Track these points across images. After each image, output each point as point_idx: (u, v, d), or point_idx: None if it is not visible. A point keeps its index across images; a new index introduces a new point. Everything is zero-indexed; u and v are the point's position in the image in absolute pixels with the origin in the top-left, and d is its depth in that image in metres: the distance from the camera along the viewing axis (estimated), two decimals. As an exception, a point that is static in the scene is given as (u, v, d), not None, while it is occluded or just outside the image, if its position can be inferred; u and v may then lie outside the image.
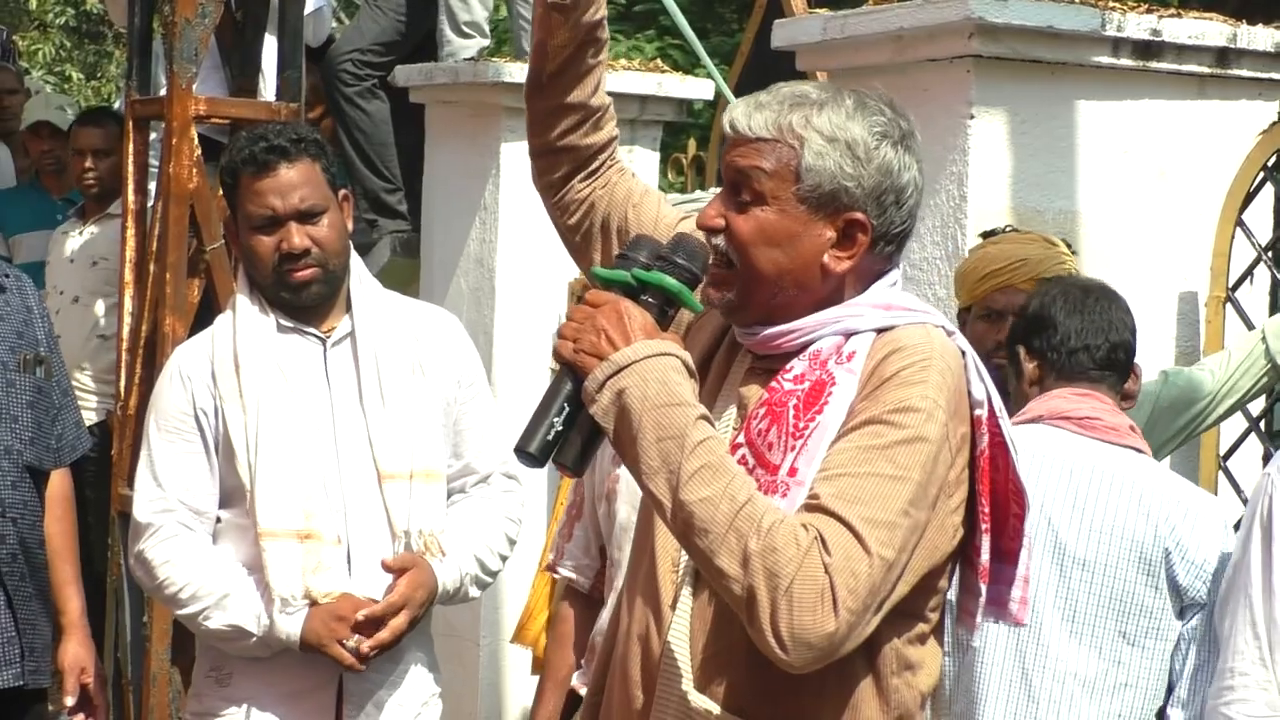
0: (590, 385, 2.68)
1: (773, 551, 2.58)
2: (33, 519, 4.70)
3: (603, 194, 3.10)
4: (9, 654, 4.63)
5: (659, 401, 2.64)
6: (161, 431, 4.18)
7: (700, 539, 2.61)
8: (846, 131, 2.78)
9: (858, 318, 2.80)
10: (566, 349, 2.71)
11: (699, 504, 2.60)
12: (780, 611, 2.57)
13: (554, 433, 2.71)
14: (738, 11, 13.00)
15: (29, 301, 4.80)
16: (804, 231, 2.78)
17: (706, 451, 2.63)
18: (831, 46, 5.45)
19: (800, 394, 2.75)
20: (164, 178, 5.80)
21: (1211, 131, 5.37)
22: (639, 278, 2.77)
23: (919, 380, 2.70)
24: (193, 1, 5.73)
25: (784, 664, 2.60)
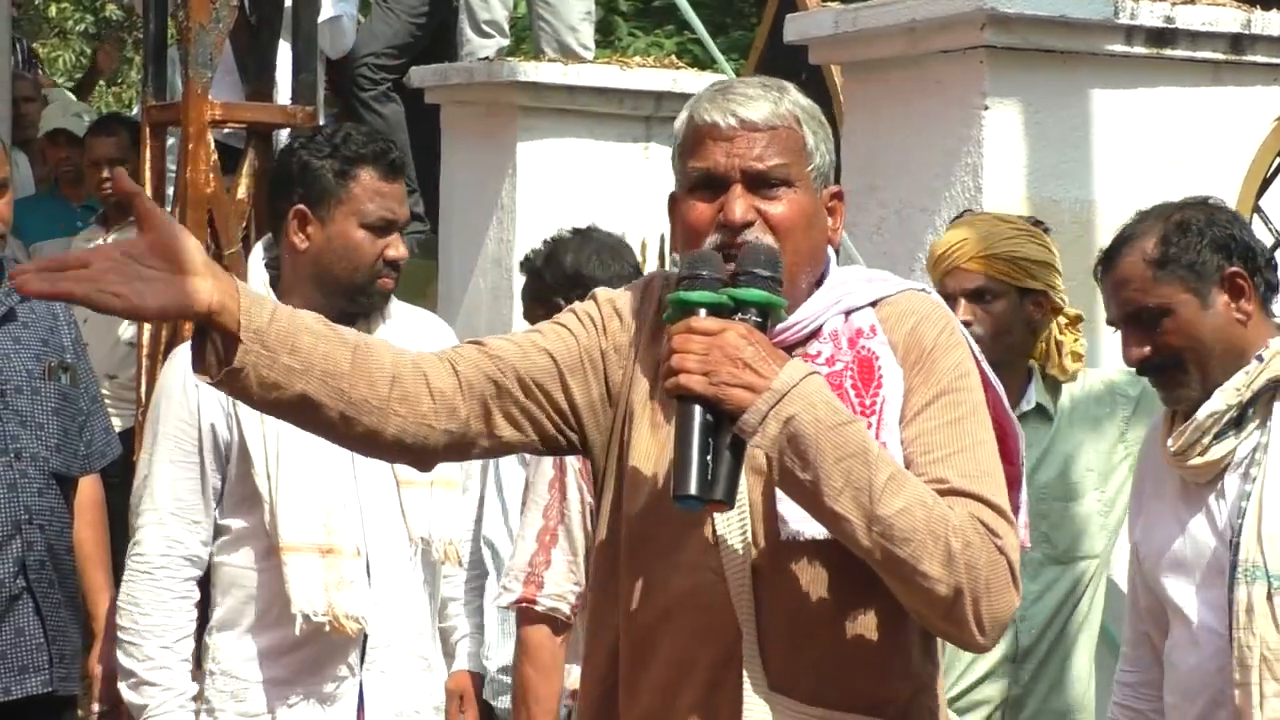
0: (752, 418, 2.64)
1: (969, 547, 2.66)
2: (60, 526, 4.73)
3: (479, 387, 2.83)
4: (38, 660, 4.65)
5: (831, 422, 2.65)
6: (163, 443, 4.10)
7: (903, 548, 2.64)
8: (815, 110, 2.89)
9: (851, 294, 2.87)
10: (697, 383, 2.65)
11: (898, 515, 2.64)
12: (982, 603, 2.67)
13: (710, 471, 2.65)
14: (757, 5, 12.98)
15: (55, 309, 4.82)
16: (819, 210, 2.87)
17: (886, 463, 2.67)
18: (844, 40, 5.45)
19: (850, 373, 2.80)
20: (181, 183, 5.80)
21: (1227, 118, 5.36)
22: (735, 296, 2.72)
23: (957, 343, 2.84)
24: (207, 7, 5.74)
25: (978, 647, 2.74)
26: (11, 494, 4.59)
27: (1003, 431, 2.91)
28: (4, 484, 4.59)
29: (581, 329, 2.91)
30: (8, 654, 4.60)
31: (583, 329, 2.91)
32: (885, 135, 5.39)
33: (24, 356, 4.69)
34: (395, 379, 2.75)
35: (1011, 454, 2.94)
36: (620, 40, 13.57)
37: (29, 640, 4.63)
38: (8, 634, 4.60)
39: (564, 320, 2.94)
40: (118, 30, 20.13)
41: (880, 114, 5.43)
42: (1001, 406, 2.92)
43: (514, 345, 2.89)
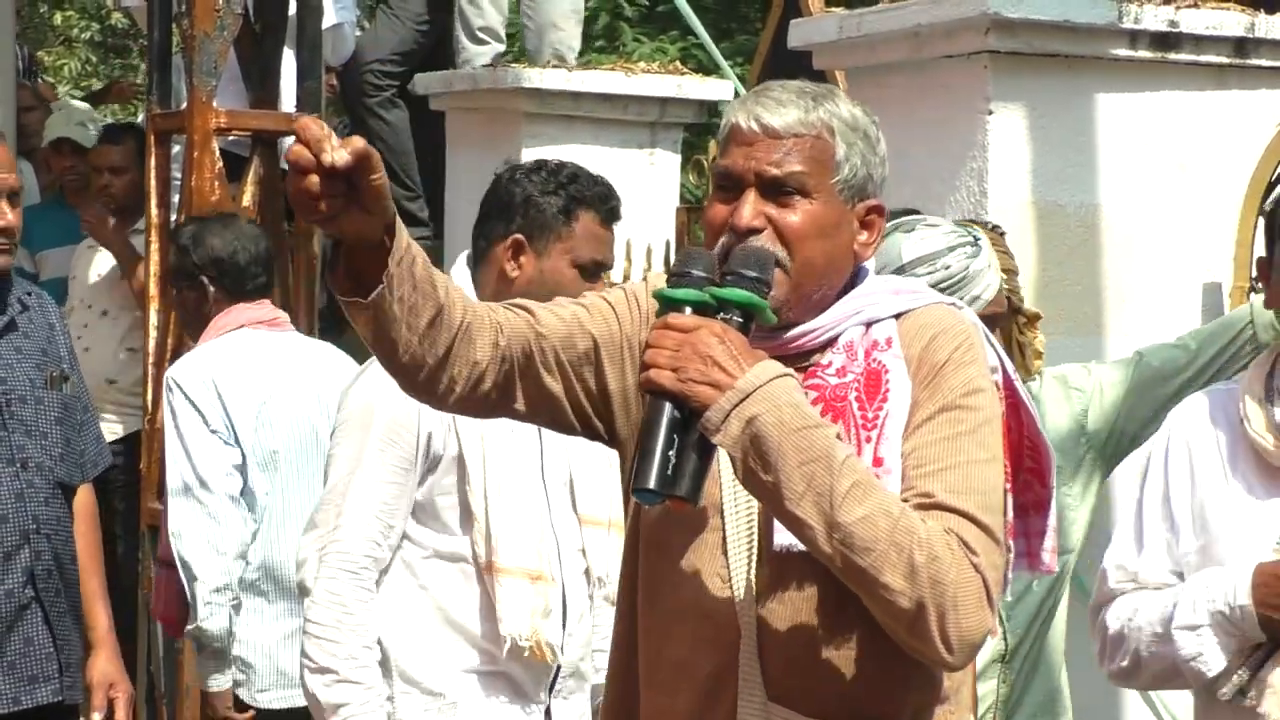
0: (714, 415, 2.61)
1: (935, 560, 2.61)
2: (65, 534, 4.74)
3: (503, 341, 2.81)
4: (47, 670, 4.66)
5: (796, 425, 2.61)
6: (374, 444, 3.96)
7: (862, 558, 2.60)
8: (859, 121, 2.85)
9: (874, 305, 2.83)
10: (666, 378, 2.63)
11: (858, 523, 2.59)
12: (948, 618, 2.61)
13: (671, 466, 2.63)
14: (761, 10, 12.99)
15: (51, 319, 4.84)
16: (842, 221, 2.82)
17: (852, 470, 2.62)
18: (848, 45, 5.45)
19: (857, 386, 2.77)
20: (186, 191, 5.82)
21: (1232, 122, 5.35)
22: (718, 296, 2.70)
23: (971, 360, 2.77)
24: (211, 15, 5.75)
25: (947, 665, 2.68)
26: (19, 504, 4.60)
27: (1035, 452, 2.89)
28: (12, 494, 4.60)
29: (627, 313, 2.90)
30: (17, 664, 4.60)
31: (628, 314, 2.90)
32: (889, 140, 5.33)
33: (26, 366, 4.70)
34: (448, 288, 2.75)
35: (1043, 474, 2.92)
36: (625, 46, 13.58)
37: (38, 649, 4.64)
38: (17, 643, 4.60)
39: (613, 300, 2.92)
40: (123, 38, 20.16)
41: (885, 119, 5.33)
42: (1034, 427, 2.89)
43: (560, 322, 2.86)
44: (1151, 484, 3.69)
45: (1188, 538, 3.61)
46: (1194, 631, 3.48)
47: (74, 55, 20.06)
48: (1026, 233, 5.05)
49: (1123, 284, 5.20)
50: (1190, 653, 3.49)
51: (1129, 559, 3.69)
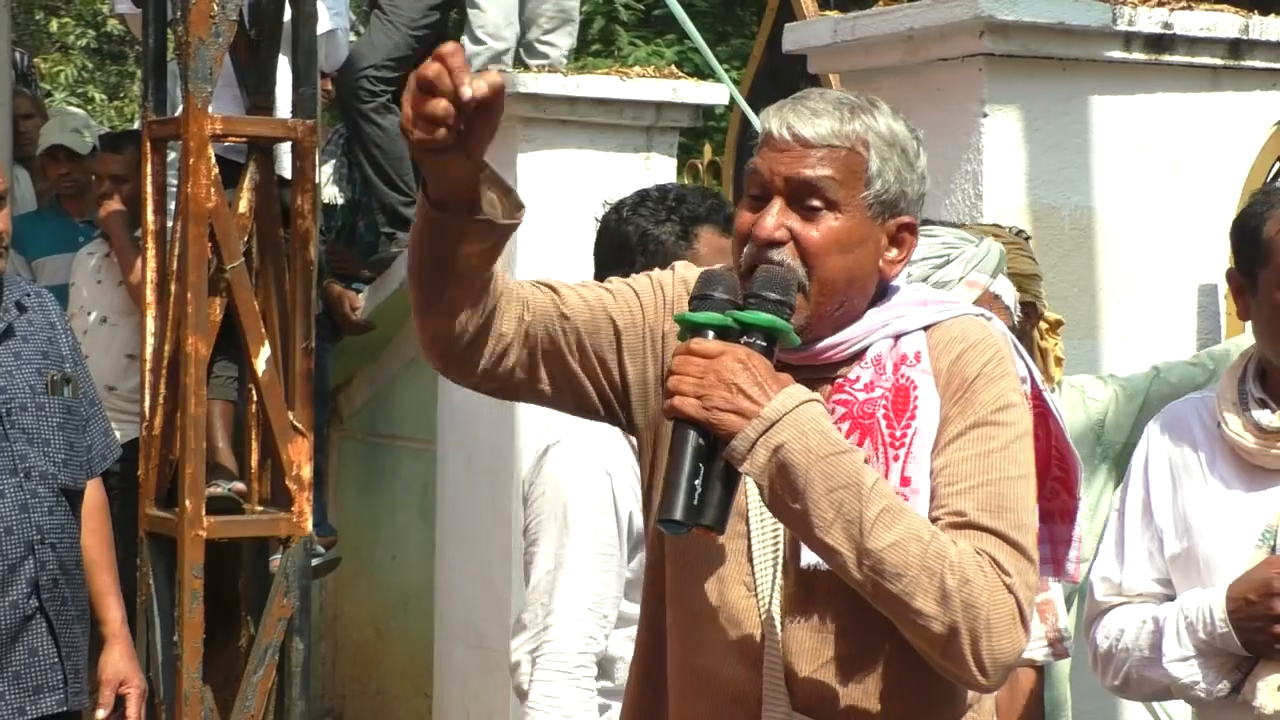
0: (740, 444, 2.60)
1: (967, 584, 2.59)
2: (70, 542, 4.74)
3: (528, 317, 2.81)
4: (52, 680, 4.66)
5: (823, 452, 2.59)
6: (580, 533, 3.82)
7: (894, 584, 2.59)
8: (897, 136, 2.80)
9: (903, 318, 2.80)
10: (692, 406, 2.62)
11: (889, 549, 2.58)
12: (981, 642, 2.60)
13: (696, 496, 2.62)
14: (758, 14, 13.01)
15: (51, 318, 4.83)
16: (868, 237, 2.78)
17: (881, 495, 2.61)
18: (842, 49, 5.45)
19: (884, 402, 2.74)
20: (182, 198, 5.82)
21: (1226, 123, 5.36)
22: (741, 320, 2.68)
23: (1002, 374, 2.74)
24: (206, 21, 5.75)
25: (981, 688, 2.67)
26: (23, 515, 4.59)
27: (1063, 461, 2.88)
28: (15, 505, 4.59)
29: (651, 302, 2.88)
30: (22, 674, 4.60)
31: (652, 302, 2.88)
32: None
33: (26, 372, 4.69)
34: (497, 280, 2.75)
35: (1070, 484, 2.92)
36: (620, 50, 13.58)
37: (43, 660, 4.64)
38: (22, 654, 4.60)
39: (638, 286, 2.90)
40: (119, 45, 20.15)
41: (880, 122, 5.42)
42: (1062, 436, 2.88)
43: (585, 305, 2.85)
44: (1132, 494, 3.73)
45: (1171, 542, 3.64)
46: (1184, 662, 3.53)
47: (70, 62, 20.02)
48: (1021, 235, 5.05)
49: (1118, 286, 5.21)
50: (1187, 681, 3.54)
51: (1113, 571, 3.72)
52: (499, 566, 6.94)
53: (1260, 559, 3.48)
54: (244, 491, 6.09)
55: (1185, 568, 3.62)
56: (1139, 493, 3.70)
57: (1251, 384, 3.57)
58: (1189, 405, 3.73)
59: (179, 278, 5.80)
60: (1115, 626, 3.67)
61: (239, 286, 5.81)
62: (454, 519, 7.27)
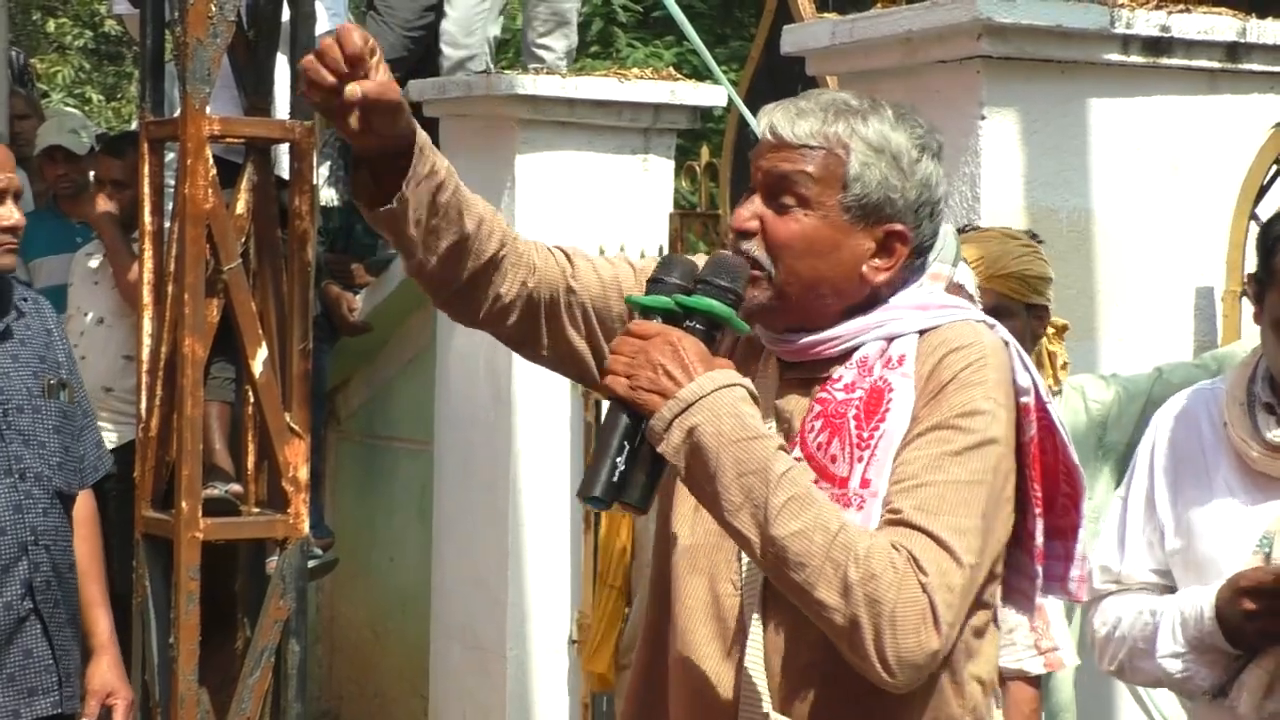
0: (657, 424, 2.62)
1: (872, 579, 2.57)
2: (64, 544, 4.74)
3: (531, 283, 2.86)
4: (46, 682, 4.66)
5: (735, 436, 2.60)
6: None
7: (796, 573, 2.59)
8: (891, 142, 2.78)
9: (898, 320, 2.79)
10: (620, 385, 2.65)
11: (792, 538, 2.58)
12: (885, 638, 2.57)
13: (618, 474, 2.65)
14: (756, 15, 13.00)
15: (48, 324, 4.83)
16: (845, 240, 2.77)
17: (791, 483, 2.60)
18: (841, 51, 5.45)
19: (858, 403, 2.73)
20: (179, 199, 5.81)
21: (1223, 126, 5.36)
22: (683, 304, 2.70)
23: (979, 381, 2.71)
24: (204, 21, 5.74)
25: (889, 686, 2.61)
26: (18, 515, 4.60)
27: (1070, 477, 2.84)
28: (10, 505, 4.59)
29: None
30: (16, 676, 4.60)
31: None
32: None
33: (23, 374, 4.70)
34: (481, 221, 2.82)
35: (1079, 502, 2.86)
36: (619, 51, 13.58)
37: (37, 662, 4.64)
38: (16, 656, 4.60)
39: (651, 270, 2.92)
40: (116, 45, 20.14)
41: (877, 124, 5.42)
42: (1068, 451, 2.83)
43: (598, 280, 2.90)
44: (1137, 484, 3.72)
45: (1171, 538, 3.64)
46: (1178, 659, 3.53)
47: (67, 63, 20.02)
48: (1019, 238, 5.05)
49: (1115, 288, 5.21)
50: (1181, 675, 3.54)
51: (1113, 560, 3.72)
52: (496, 568, 6.95)
53: (1256, 564, 3.48)
54: (241, 493, 6.08)
55: (1183, 565, 3.63)
56: (1143, 483, 3.69)
57: (1261, 385, 3.55)
58: (1199, 397, 3.70)
59: (176, 278, 5.79)
60: (1113, 614, 3.67)
61: (236, 287, 5.80)
62: (451, 521, 7.27)
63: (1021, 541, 2.82)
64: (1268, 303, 3.50)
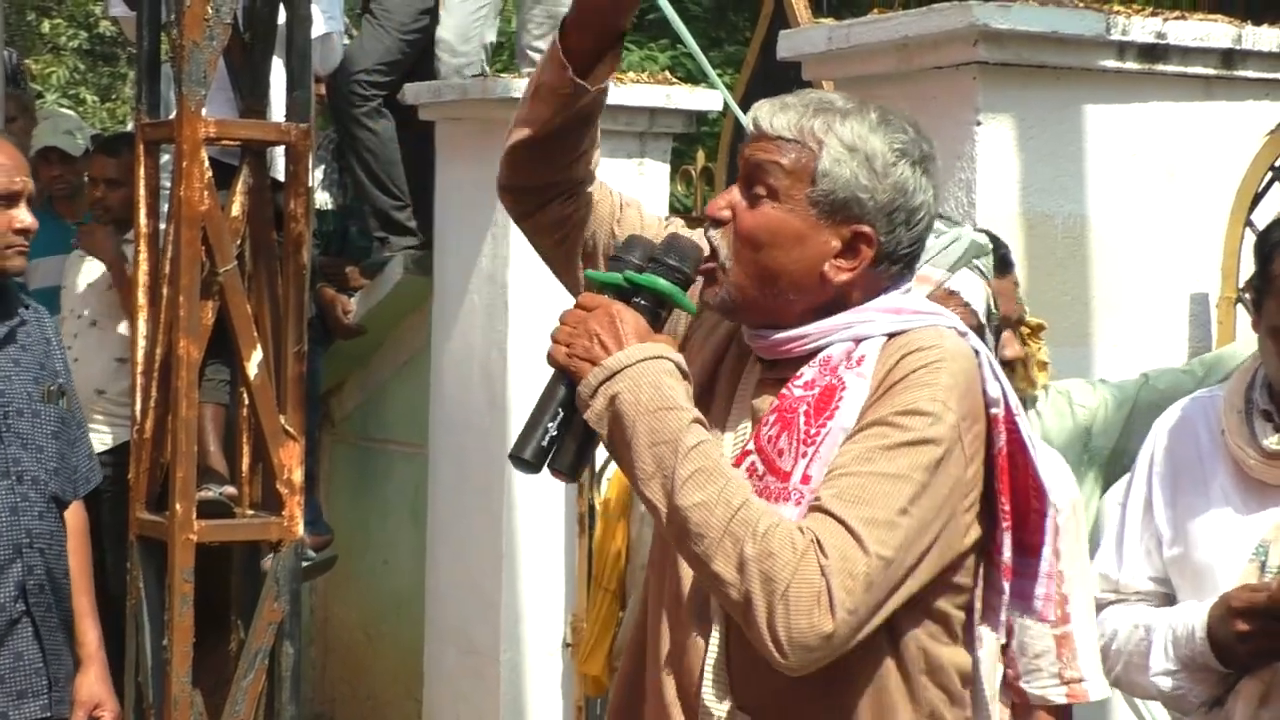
0: (584, 391, 2.69)
1: (769, 556, 2.59)
2: (59, 549, 4.75)
3: (585, 214, 3.04)
4: (36, 685, 4.66)
5: (651, 406, 2.65)
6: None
7: (696, 544, 2.62)
8: (867, 143, 2.79)
9: (868, 323, 2.80)
10: (560, 353, 2.73)
11: (694, 509, 2.61)
12: (777, 615, 2.58)
13: (549, 438, 2.72)
14: (750, 20, 12.99)
15: (47, 333, 4.85)
16: (810, 235, 2.79)
17: (700, 456, 2.64)
18: (837, 56, 5.45)
19: (810, 400, 2.75)
20: (175, 200, 5.81)
21: (1219, 133, 5.37)
22: (631, 280, 2.78)
23: (928, 382, 2.70)
24: (200, 24, 5.74)
25: (782, 667, 2.62)
26: (13, 517, 4.60)
27: (1039, 494, 2.80)
28: (6, 507, 4.59)
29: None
30: (6, 678, 4.60)
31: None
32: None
33: (24, 379, 4.71)
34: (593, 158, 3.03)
35: (1044, 517, 2.82)
36: (613, 54, 13.56)
37: (28, 664, 4.64)
38: (7, 658, 4.60)
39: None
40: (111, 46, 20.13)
41: (873, 130, 5.42)
42: (1034, 469, 2.80)
43: (642, 225, 3.04)
44: (1135, 491, 3.72)
45: (1168, 546, 3.64)
46: (1170, 676, 3.54)
47: (62, 63, 20.00)
48: (1015, 243, 5.04)
49: (1111, 294, 5.21)
50: (1175, 692, 3.55)
51: (1111, 568, 3.72)
52: (490, 571, 6.95)
53: (1252, 572, 3.48)
54: (235, 495, 6.08)
55: (1180, 573, 3.63)
56: (1141, 490, 3.70)
57: (1259, 392, 3.55)
58: (1197, 405, 3.70)
59: (171, 280, 5.79)
60: (1110, 626, 3.67)
61: (231, 290, 5.80)
62: (445, 524, 7.27)
63: (992, 557, 2.82)
64: (1266, 310, 3.49)
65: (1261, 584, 3.43)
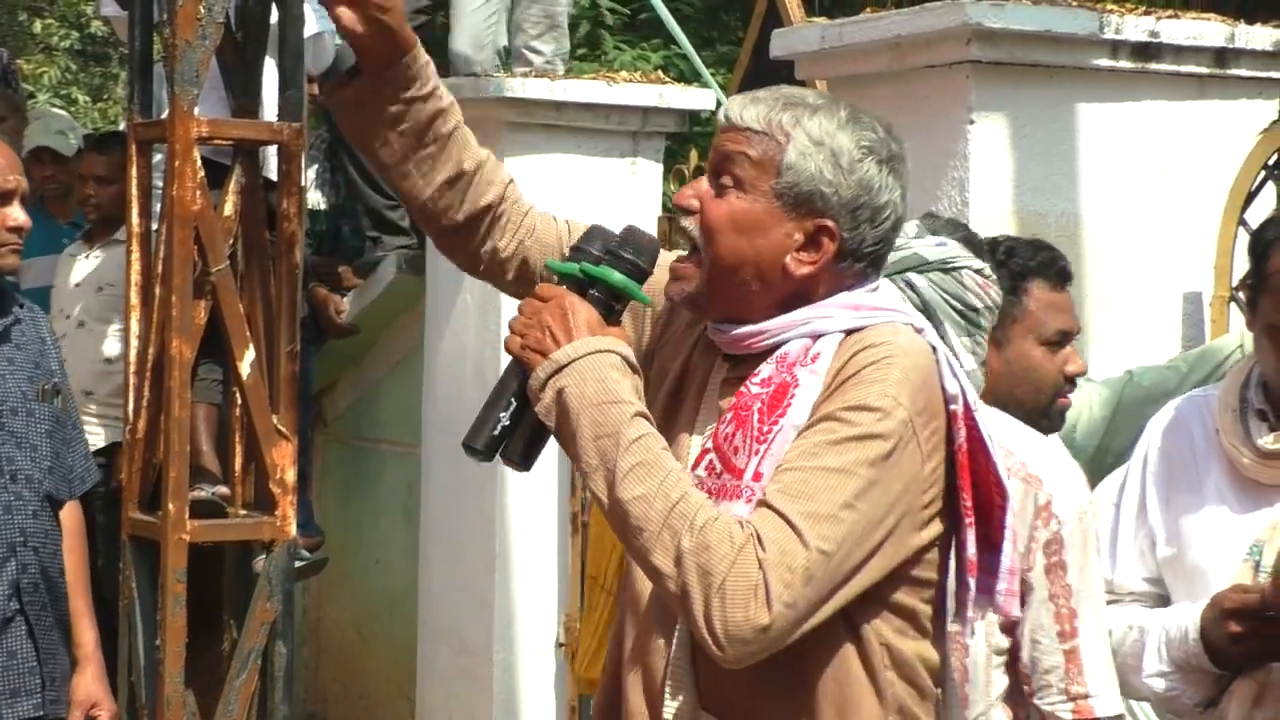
0: (534, 383, 2.72)
1: (705, 549, 2.60)
2: (53, 548, 4.74)
3: (529, 243, 3.06)
4: (30, 684, 4.66)
5: (595, 400, 2.68)
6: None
7: (635, 537, 2.64)
8: (834, 139, 2.81)
9: (826, 319, 2.81)
10: (514, 343, 2.76)
11: (633, 502, 2.63)
12: (713, 608, 2.60)
13: (500, 428, 2.76)
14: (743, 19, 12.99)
15: (42, 333, 4.85)
16: (773, 226, 2.80)
17: (641, 449, 2.66)
18: (830, 55, 5.45)
19: (765, 397, 2.77)
20: (168, 200, 5.80)
21: (1212, 131, 5.37)
22: (587, 272, 2.81)
23: (879, 378, 2.71)
24: (192, 23, 5.73)
25: (720, 659, 2.63)
26: (7, 516, 4.60)
27: (1000, 489, 2.80)
28: (0, 506, 4.59)
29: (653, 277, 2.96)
30: (0, 677, 4.60)
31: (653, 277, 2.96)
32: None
33: (18, 378, 4.71)
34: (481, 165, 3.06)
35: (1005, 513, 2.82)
36: (606, 54, 13.56)
37: (22, 663, 4.64)
38: (0, 657, 4.60)
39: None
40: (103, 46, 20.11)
41: (866, 129, 5.42)
42: (994, 464, 2.80)
43: None
44: (1129, 492, 3.71)
45: (1162, 546, 3.64)
46: (1163, 678, 3.54)
47: (54, 63, 19.98)
48: (1008, 242, 5.05)
49: (1104, 293, 5.21)
50: (1168, 694, 3.55)
51: (1104, 568, 3.70)
52: (483, 571, 6.94)
53: (1246, 572, 3.47)
54: (228, 495, 6.07)
55: (1174, 573, 3.62)
56: (1135, 490, 3.69)
57: (1254, 391, 3.54)
58: (1192, 405, 3.69)
59: (164, 280, 5.79)
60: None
61: (224, 289, 5.79)
62: (438, 523, 7.26)
63: (957, 554, 2.83)
64: (1261, 308, 3.49)
65: (1254, 585, 3.43)
